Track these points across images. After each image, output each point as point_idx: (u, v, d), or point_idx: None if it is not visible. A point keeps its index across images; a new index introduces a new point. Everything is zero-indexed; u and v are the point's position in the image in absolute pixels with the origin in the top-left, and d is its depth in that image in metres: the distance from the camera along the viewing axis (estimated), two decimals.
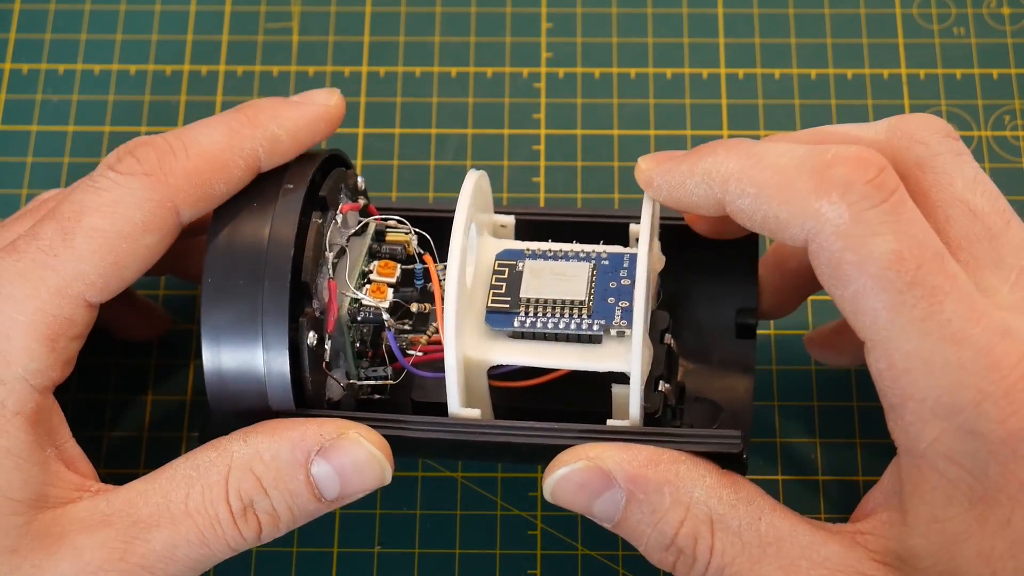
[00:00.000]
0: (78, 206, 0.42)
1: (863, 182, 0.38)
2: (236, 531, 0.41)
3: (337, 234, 0.44)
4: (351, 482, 0.41)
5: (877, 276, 0.37)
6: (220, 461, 0.41)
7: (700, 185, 0.41)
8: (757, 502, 0.40)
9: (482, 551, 0.50)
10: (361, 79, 0.60)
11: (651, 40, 0.60)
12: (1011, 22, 0.60)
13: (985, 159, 0.57)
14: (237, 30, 0.61)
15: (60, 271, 0.41)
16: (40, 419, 0.41)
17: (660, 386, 0.44)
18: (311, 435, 0.40)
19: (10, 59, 0.60)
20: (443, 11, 0.61)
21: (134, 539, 0.40)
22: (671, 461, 0.40)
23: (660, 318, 0.45)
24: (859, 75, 0.59)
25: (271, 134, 0.43)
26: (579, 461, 0.40)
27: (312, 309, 0.42)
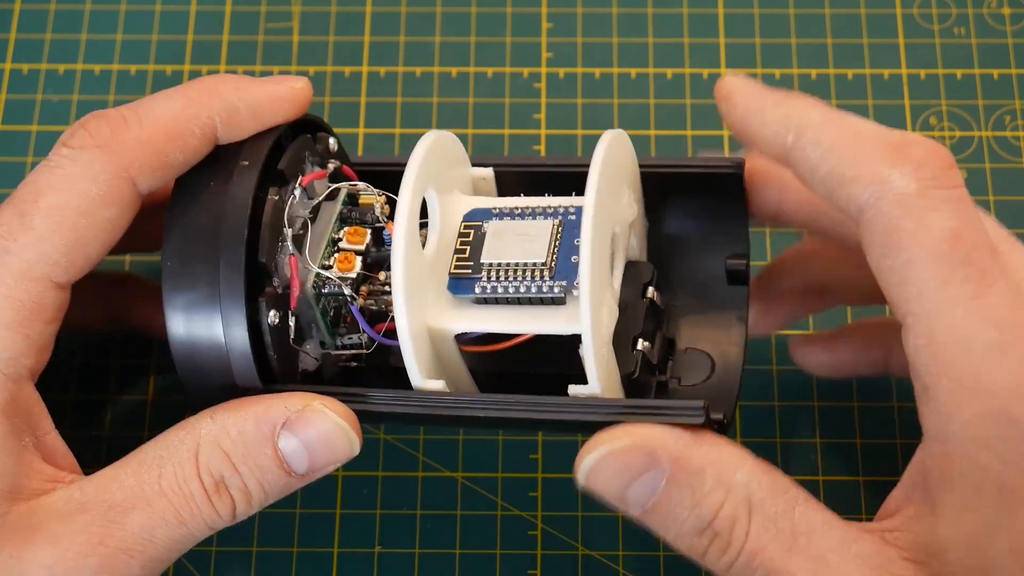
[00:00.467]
0: (33, 187, 0.41)
1: (936, 166, 0.38)
2: (211, 508, 0.40)
3: (300, 207, 0.43)
4: (319, 455, 0.41)
5: (932, 248, 0.37)
6: (189, 439, 0.40)
7: (778, 121, 0.41)
8: (792, 491, 0.40)
9: (482, 551, 0.50)
10: (361, 79, 0.60)
11: (651, 40, 0.60)
12: (1011, 22, 0.60)
13: (985, 159, 0.57)
14: (237, 30, 0.61)
15: (21, 255, 0.40)
16: (16, 409, 0.40)
17: (639, 344, 0.43)
18: (276, 408, 0.40)
19: (10, 59, 0.60)
20: (443, 11, 0.61)
21: (111, 523, 0.40)
22: (713, 442, 0.39)
23: (642, 270, 0.44)
24: (859, 75, 0.59)
25: (230, 104, 0.43)
26: (624, 440, 0.39)
27: (273, 287, 0.42)
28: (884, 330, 0.49)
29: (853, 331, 0.50)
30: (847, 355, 0.50)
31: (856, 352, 0.50)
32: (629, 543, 0.50)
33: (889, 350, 0.49)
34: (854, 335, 0.50)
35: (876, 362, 0.49)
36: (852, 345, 0.50)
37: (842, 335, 0.50)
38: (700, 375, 0.45)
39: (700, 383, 0.45)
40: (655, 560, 0.50)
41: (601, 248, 0.40)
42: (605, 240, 0.41)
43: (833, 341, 0.50)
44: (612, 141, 0.42)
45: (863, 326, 0.50)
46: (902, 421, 0.52)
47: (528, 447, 0.52)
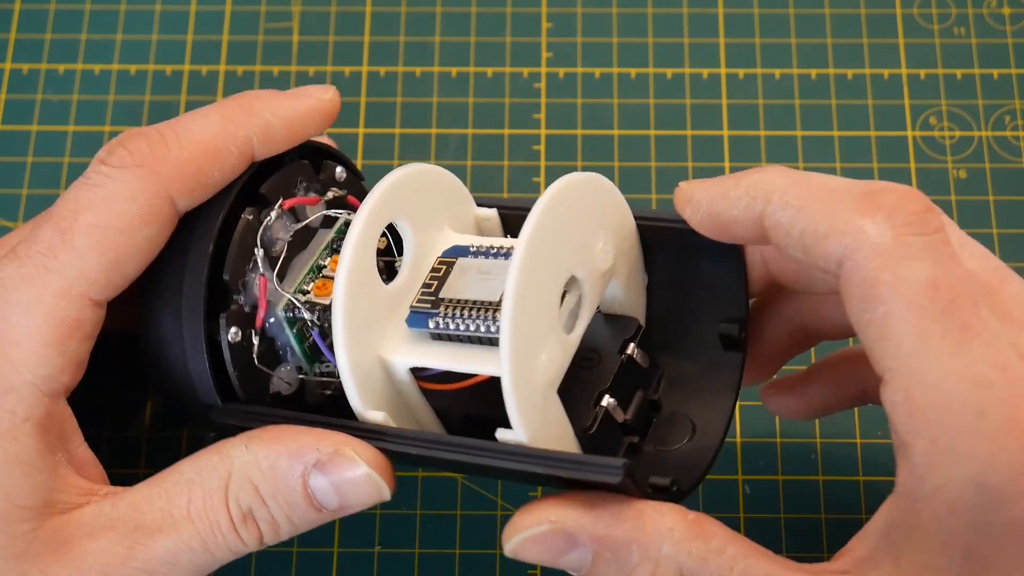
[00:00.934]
0: (73, 204, 0.41)
1: (911, 211, 0.37)
2: (237, 538, 0.40)
3: (280, 230, 0.44)
4: (349, 497, 0.41)
5: (910, 300, 0.36)
6: (222, 467, 0.41)
7: (743, 198, 0.40)
8: (728, 551, 0.38)
9: (482, 551, 0.50)
10: (361, 79, 0.60)
11: (651, 40, 0.60)
12: (1011, 22, 0.60)
13: (985, 159, 0.57)
14: (237, 30, 0.61)
15: (62, 273, 0.41)
16: (51, 425, 0.41)
17: (604, 400, 0.42)
18: (308, 447, 0.40)
19: (10, 59, 0.60)
20: (443, 11, 0.61)
21: (136, 544, 0.40)
22: (635, 516, 0.39)
23: (625, 325, 0.43)
24: (859, 75, 0.59)
25: (265, 122, 0.43)
26: (541, 525, 0.39)
27: (239, 306, 0.42)
28: (854, 363, 0.47)
29: (822, 370, 0.48)
30: (820, 397, 0.48)
31: (829, 391, 0.48)
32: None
33: (862, 384, 0.47)
34: (824, 375, 0.48)
35: (850, 397, 0.48)
36: (824, 386, 0.48)
37: (812, 377, 0.48)
38: (677, 441, 0.44)
39: (673, 449, 0.44)
40: None
41: (537, 291, 0.39)
42: (547, 283, 0.40)
43: (804, 384, 0.48)
44: (578, 182, 0.41)
45: (832, 363, 0.48)
46: None
47: None
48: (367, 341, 0.41)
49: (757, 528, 0.50)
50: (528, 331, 0.38)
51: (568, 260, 0.40)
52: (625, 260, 0.44)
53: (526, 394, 0.38)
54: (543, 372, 0.39)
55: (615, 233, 0.43)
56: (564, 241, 0.40)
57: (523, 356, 0.38)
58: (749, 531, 0.50)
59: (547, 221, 0.39)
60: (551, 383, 0.40)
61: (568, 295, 0.41)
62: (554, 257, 0.40)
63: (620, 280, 0.44)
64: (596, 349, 0.43)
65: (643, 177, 0.57)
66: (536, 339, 0.39)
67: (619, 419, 0.42)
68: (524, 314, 0.38)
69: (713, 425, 0.44)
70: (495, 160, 0.58)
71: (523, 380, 0.38)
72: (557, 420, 0.40)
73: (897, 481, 0.37)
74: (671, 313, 0.45)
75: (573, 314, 0.42)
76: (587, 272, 0.41)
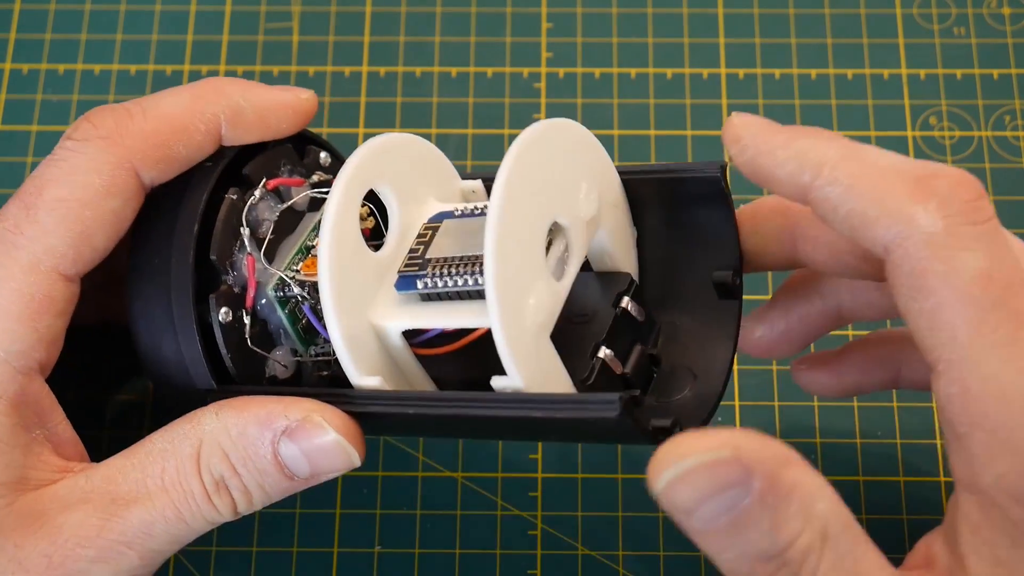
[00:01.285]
0: (39, 180, 0.41)
1: (963, 199, 0.37)
2: (211, 506, 0.40)
3: (266, 210, 0.44)
4: (319, 464, 0.41)
5: (962, 290, 0.36)
6: (193, 434, 0.41)
7: (791, 160, 0.39)
8: (855, 528, 0.37)
9: (482, 551, 0.50)
10: (361, 79, 0.60)
11: (651, 40, 0.60)
12: (1011, 22, 0.60)
13: (985, 159, 0.57)
14: (237, 30, 0.61)
15: (28, 248, 0.40)
16: (25, 401, 0.41)
17: (601, 352, 0.41)
18: (276, 414, 0.40)
19: (10, 59, 0.60)
20: (443, 11, 0.61)
21: (112, 516, 0.40)
22: (799, 464, 0.36)
23: (618, 280, 0.43)
24: (859, 75, 0.59)
25: (235, 104, 0.43)
26: (722, 450, 0.35)
27: (228, 286, 0.42)
28: (892, 346, 0.47)
29: (858, 349, 0.48)
30: (853, 376, 0.47)
31: (863, 372, 0.47)
32: (629, 543, 0.50)
33: (897, 366, 0.47)
34: (860, 354, 0.48)
35: (884, 380, 0.47)
36: (858, 365, 0.47)
37: (847, 355, 0.48)
38: (678, 392, 0.43)
39: (676, 399, 0.43)
40: (655, 560, 0.50)
41: (518, 235, 0.39)
42: (528, 228, 0.39)
43: (838, 362, 0.48)
44: (551, 127, 0.41)
45: (869, 343, 0.48)
46: (902, 421, 0.52)
47: (528, 447, 0.52)
48: (357, 308, 0.41)
49: None
50: (513, 276, 0.38)
51: (549, 205, 0.40)
52: (611, 212, 0.43)
53: (517, 337, 0.38)
54: (533, 316, 0.39)
55: (598, 182, 0.42)
56: (542, 186, 0.40)
57: (510, 300, 0.38)
58: None
59: (521, 166, 0.39)
60: (543, 327, 0.40)
61: (555, 243, 0.41)
62: (533, 201, 0.39)
63: (607, 232, 0.43)
64: (591, 306, 0.43)
65: None
66: (522, 283, 0.39)
67: (617, 371, 0.42)
68: (506, 259, 0.38)
69: (714, 373, 0.43)
70: (495, 160, 0.58)
71: (513, 324, 0.38)
72: (552, 366, 0.40)
73: (955, 477, 0.37)
74: (664, 267, 0.45)
75: (562, 261, 0.41)
76: (571, 219, 0.41)
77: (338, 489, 0.51)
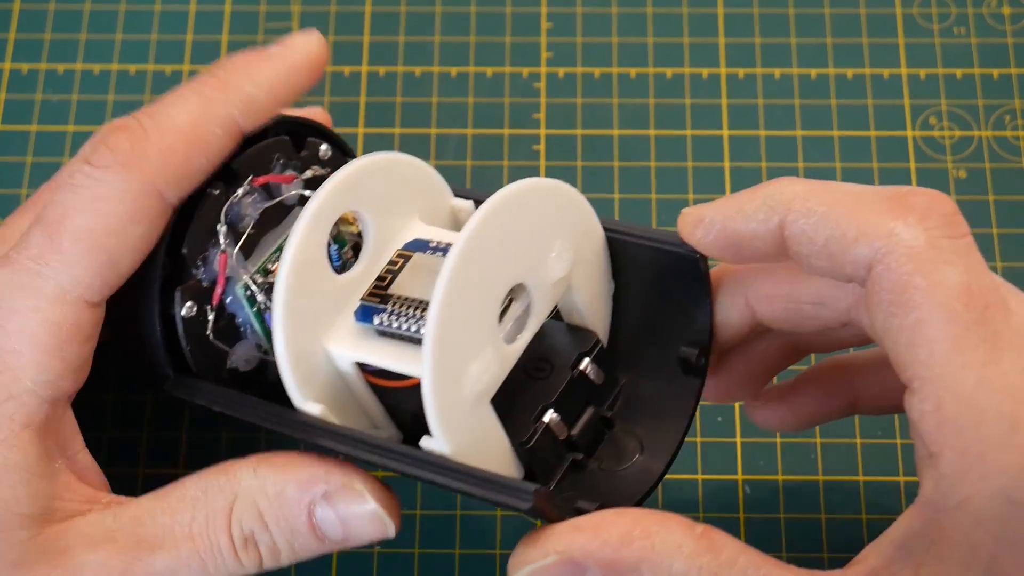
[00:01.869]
0: (61, 208, 0.41)
1: (941, 213, 0.36)
2: (236, 560, 0.40)
3: (249, 206, 0.43)
4: (353, 531, 0.40)
5: (944, 306, 0.35)
6: (228, 488, 0.40)
7: (760, 210, 0.38)
8: (740, 562, 0.37)
9: (482, 551, 0.50)
10: (361, 79, 0.60)
11: (651, 40, 0.60)
12: (1011, 22, 0.60)
13: (985, 159, 0.57)
14: (237, 30, 0.61)
15: (55, 279, 0.40)
16: (50, 431, 0.40)
17: (547, 416, 0.41)
18: (317, 479, 0.40)
19: (10, 59, 0.60)
20: (443, 11, 0.61)
21: (136, 559, 0.39)
22: (644, 536, 0.37)
23: (582, 338, 0.42)
24: (859, 75, 0.59)
25: (246, 95, 0.42)
26: (548, 557, 0.38)
27: (198, 280, 0.42)
28: (846, 372, 0.46)
29: (812, 380, 0.47)
30: (809, 407, 0.47)
31: (819, 402, 0.46)
32: None
33: (854, 392, 0.46)
34: (813, 384, 0.47)
35: (841, 408, 0.46)
36: (813, 395, 0.46)
37: (801, 387, 0.47)
38: (624, 461, 0.43)
39: (619, 470, 0.42)
40: None
41: (469, 298, 0.38)
42: (483, 291, 0.39)
43: (793, 395, 0.47)
44: (530, 190, 0.39)
45: (822, 372, 0.46)
46: (902, 421, 0.52)
47: None
48: (311, 330, 0.40)
49: (757, 528, 0.50)
50: (455, 338, 0.38)
51: (512, 268, 0.39)
52: (586, 268, 0.42)
53: (449, 404, 0.38)
54: (473, 383, 0.38)
55: (576, 241, 0.42)
56: (508, 248, 0.39)
57: (447, 364, 0.37)
58: (749, 531, 0.50)
59: (487, 228, 0.38)
60: (482, 394, 0.39)
61: (515, 303, 0.40)
62: (494, 264, 0.39)
63: (580, 289, 0.42)
64: (550, 360, 0.42)
65: (643, 177, 0.57)
66: (466, 347, 0.38)
67: (561, 436, 0.41)
68: (451, 321, 0.37)
69: (661, 450, 0.42)
70: (495, 160, 0.58)
71: (446, 389, 0.37)
72: (488, 432, 0.40)
73: (921, 491, 0.36)
74: (638, 327, 0.44)
75: (519, 323, 0.41)
76: (536, 281, 0.40)
77: None
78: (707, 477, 0.51)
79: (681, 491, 0.51)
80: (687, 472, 0.51)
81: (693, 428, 0.52)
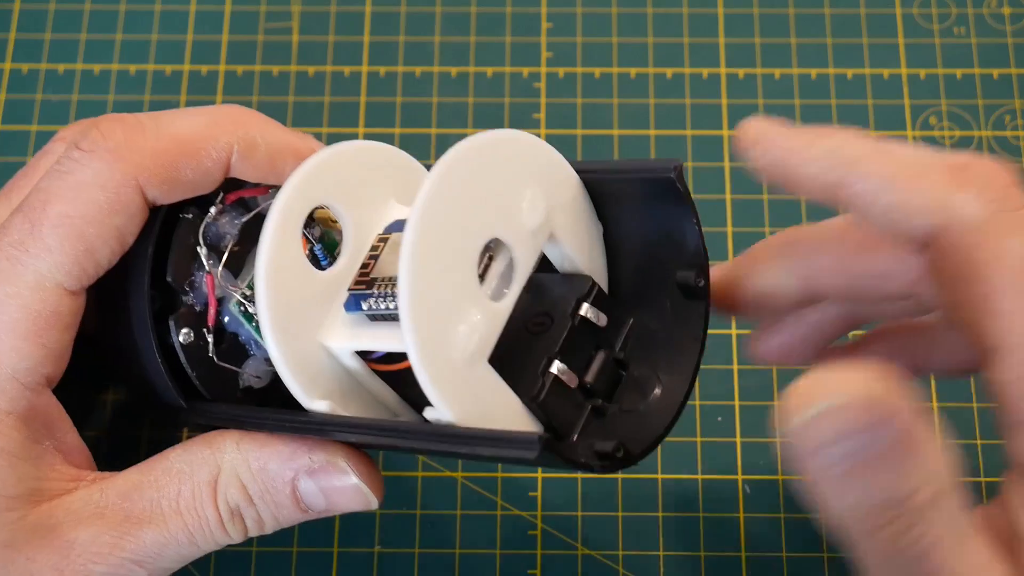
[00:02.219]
0: (44, 195, 0.41)
1: (1001, 186, 0.37)
2: (223, 532, 0.41)
3: (228, 224, 0.43)
4: (336, 502, 0.41)
5: (1015, 276, 0.35)
6: (212, 460, 0.41)
7: (819, 160, 0.38)
8: (963, 498, 0.35)
9: (482, 551, 0.50)
10: (361, 79, 0.60)
11: (651, 40, 0.60)
12: (1011, 22, 0.60)
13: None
14: (237, 30, 0.61)
15: (33, 265, 0.40)
16: (34, 415, 0.41)
17: (553, 367, 0.40)
18: (300, 456, 0.41)
19: (10, 59, 0.60)
20: (443, 11, 0.61)
21: (125, 534, 0.40)
22: (926, 420, 0.34)
23: (576, 284, 0.41)
24: (859, 75, 0.59)
25: (251, 138, 0.42)
26: (860, 393, 0.33)
27: (189, 306, 0.42)
28: (910, 335, 0.46)
29: (875, 342, 0.46)
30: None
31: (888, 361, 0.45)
32: (629, 543, 0.50)
33: (919, 356, 0.45)
34: (877, 346, 0.46)
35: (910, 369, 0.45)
36: (883, 356, 0.46)
37: (863, 349, 0.46)
38: (643, 399, 0.41)
39: (639, 409, 0.41)
40: (655, 560, 0.50)
41: (440, 262, 0.37)
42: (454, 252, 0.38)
43: (855, 357, 0.46)
44: (484, 144, 0.38)
45: (885, 334, 0.46)
46: None
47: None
48: (305, 330, 0.40)
49: (757, 528, 0.50)
50: (432, 304, 0.37)
51: (481, 224, 0.38)
52: (566, 214, 0.41)
53: (440, 369, 0.37)
54: (464, 345, 0.38)
55: (548, 188, 0.40)
56: (471, 205, 0.38)
57: (429, 330, 0.37)
58: (749, 531, 0.50)
59: (441, 189, 0.37)
60: (476, 355, 0.38)
61: (496, 260, 0.40)
62: (459, 223, 0.38)
63: (565, 235, 0.41)
64: (549, 312, 0.41)
65: None
66: (447, 311, 0.37)
67: (572, 384, 0.40)
68: (422, 288, 0.36)
69: (679, 379, 0.41)
70: None
71: (434, 355, 0.37)
72: (493, 393, 0.39)
73: (1014, 459, 0.36)
74: (635, 263, 0.43)
75: (504, 279, 0.40)
76: (512, 234, 0.39)
77: None
78: (707, 477, 0.51)
79: (681, 491, 0.51)
80: (687, 472, 0.51)
81: (693, 428, 0.52)
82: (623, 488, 0.51)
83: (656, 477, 0.51)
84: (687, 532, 0.51)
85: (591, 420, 0.41)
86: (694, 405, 0.52)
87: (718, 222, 0.56)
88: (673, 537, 0.50)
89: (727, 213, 0.56)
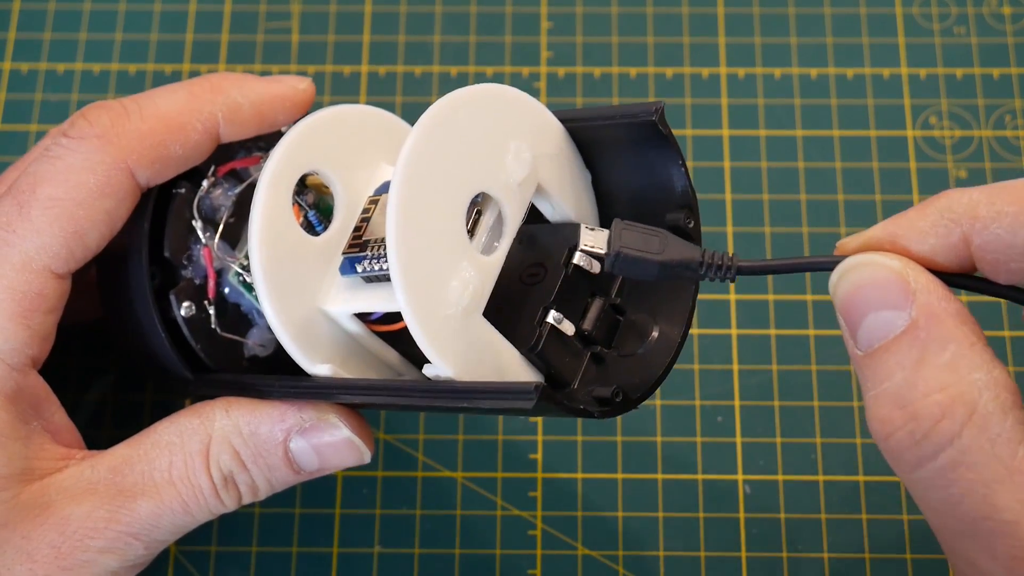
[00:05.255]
0: (32, 178, 0.41)
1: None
2: (217, 500, 0.41)
3: (223, 196, 0.44)
4: (329, 459, 0.41)
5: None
6: (202, 430, 0.41)
7: (936, 225, 0.36)
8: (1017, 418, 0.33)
9: (482, 551, 0.50)
10: (361, 79, 0.60)
11: (651, 40, 0.60)
12: (1011, 22, 0.60)
13: (985, 159, 0.57)
14: (237, 30, 0.61)
15: (20, 247, 0.41)
16: (21, 396, 0.41)
17: (549, 316, 0.39)
18: (291, 417, 0.41)
19: (10, 59, 0.60)
20: (443, 11, 0.61)
21: (119, 507, 0.40)
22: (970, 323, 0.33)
23: (568, 233, 0.41)
24: (859, 75, 0.59)
25: (232, 101, 0.43)
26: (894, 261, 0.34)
27: (189, 279, 0.43)
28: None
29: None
30: None
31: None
32: (629, 543, 0.50)
33: None
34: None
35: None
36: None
37: None
38: (641, 344, 0.41)
39: (639, 348, 0.41)
40: (655, 560, 0.50)
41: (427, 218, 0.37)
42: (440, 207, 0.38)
43: None
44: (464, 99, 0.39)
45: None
46: None
47: (528, 447, 0.52)
48: (300, 296, 0.40)
49: (757, 528, 0.50)
50: (421, 260, 0.37)
51: (466, 179, 0.39)
52: (553, 164, 0.41)
53: (434, 325, 0.37)
54: (457, 299, 0.38)
55: (532, 138, 0.40)
56: (454, 160, 0.38)
57: (420, 287, 0.37)
58: (749, 531, 0.50)
59: (422, 146, 0.37)
60: (470, 309, 0.38)
61: (485, 214, 0.40)
62: (442, 179, 0.38)
63: (553, 186, 0.41)
64: (543, 263, 0.41)
65: None
66: (438, 266, 0.38)
67: (569, 332, 0.40)
68: (412, 246, 0.37)
69: (676, 320, 0.41)
70: None
71: (427, 311, 0.37)
72: (490, 345, 0.39)
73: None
74: (627, 209, 0.42)
75: (495, 232, 0.40)
76: (499, 187, 0.40)
77: (338, 489, 0.51)
78: (707, 477, 0.51)
79: (681, 491, 0.51)
80: (687, 472, 0.51)
81: (693, 428, 0.52)
82: (623, 488, 0.51)
83: (656, 477, 0.51)
84: (687, 532, 0.51)
85: (591, 367, 0.41)
86: (694, 405, 0.53)
87: (718, 222, 0.56)
88: (673, 537, 0.50)
89: (727, 213, 0.56)
